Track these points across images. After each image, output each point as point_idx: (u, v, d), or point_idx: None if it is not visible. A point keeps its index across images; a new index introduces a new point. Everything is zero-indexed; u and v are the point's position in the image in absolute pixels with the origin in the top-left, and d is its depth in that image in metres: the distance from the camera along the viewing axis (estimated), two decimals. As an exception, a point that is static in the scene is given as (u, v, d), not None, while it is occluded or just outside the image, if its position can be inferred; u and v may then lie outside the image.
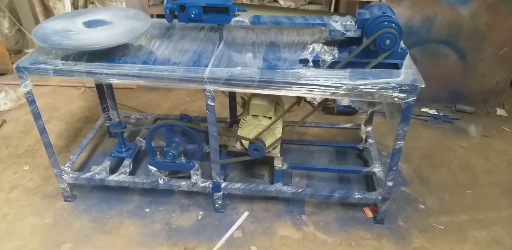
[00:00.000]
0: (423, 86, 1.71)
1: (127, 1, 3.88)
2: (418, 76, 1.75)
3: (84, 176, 2.28)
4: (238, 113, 2.58)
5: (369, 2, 1.96)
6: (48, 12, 3.96)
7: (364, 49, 1.79)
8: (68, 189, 2.35)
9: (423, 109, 3.20)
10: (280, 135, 2.20)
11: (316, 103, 3.22)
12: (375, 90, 1.72)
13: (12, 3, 3.95)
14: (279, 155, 2.32)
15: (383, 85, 1.71)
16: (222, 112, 2.86)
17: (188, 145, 2.17)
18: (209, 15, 1.91)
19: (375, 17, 1.75)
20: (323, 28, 1.91)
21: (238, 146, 2.31)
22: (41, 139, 2.14)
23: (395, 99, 1.74)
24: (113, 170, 2.40)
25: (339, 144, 2.73)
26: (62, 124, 3.10)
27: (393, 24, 1.71)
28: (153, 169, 2.17)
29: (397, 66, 1.85)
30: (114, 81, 1.85)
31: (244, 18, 1.91)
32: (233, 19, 1.90)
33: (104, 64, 1.85)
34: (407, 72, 1.76)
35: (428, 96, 3.16)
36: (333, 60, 1.88)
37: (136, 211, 2.31)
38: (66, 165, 2.36)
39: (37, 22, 3.80)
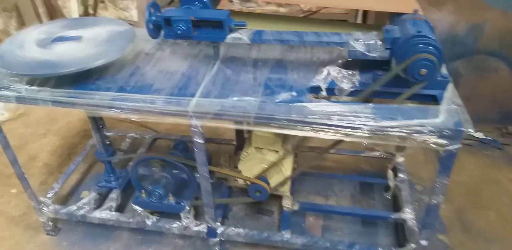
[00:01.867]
0: (470, 130, 1.29)
1: (138, 1, 3.59)
2: (464, 115, 1.33)
3: (65, 210, 2.00)
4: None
5: (401, 14, 1.54)
6: (54, 13, 3.74)
7: (394, 76, 1.39)
8: (50, 223, 2.08)
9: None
10: (289, 173, 1.83)
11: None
12: (405, 134, 1.32)
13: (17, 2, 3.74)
14: (288, 194, 1.96)
15: (416, 128, 1.30)
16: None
17: (180, 179, 1.84)
18: (200, 31, 1.56)
19: (408, 37, 1.34)
20: (340, 48, 1.51)
21: (240, 181, 1.96)
22: (35, 157, 1.88)
23: (432, 145, 1.33)
24: (104, 199, 2.12)
25: (363, 179, 2.32)
26: (58, 139, 2.85)
27: (431, 48, 1.30)
28: (139, 208, 1.86)
29: (435, 99, 1.44)
30: (85, 111, 1.54)
31: (242, 34, 1.55)
32: (229, 36, 1.54)
33: (72, 91, 1.53)
34: (449, 110, 1.34)
35: (474, 115, 2.64)
36: (352, 89, 1.49)
37: (122, 252, 2.02)
38: (48, 196, 2.09)
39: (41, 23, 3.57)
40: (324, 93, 1.50)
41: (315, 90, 1.52)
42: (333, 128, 1.35)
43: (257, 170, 1.81)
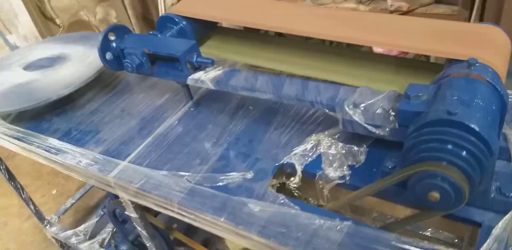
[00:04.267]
0: None
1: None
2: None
3: (63, 234, 1.88)
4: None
5: (457, 62, 0.89)
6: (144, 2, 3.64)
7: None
8: (58, 240, 2.01)
9: None
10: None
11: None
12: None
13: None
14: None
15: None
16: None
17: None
18: (160, 67, 1.16)
19: (425, 122, 0.73)
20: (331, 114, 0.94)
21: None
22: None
23: None
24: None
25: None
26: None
27: (463, 155, 0.68)
28: (111, 257, 1.62)
29: (478, 225, 0.80)
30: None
31: (208, 74, 1.10)
32: (190, 77, 1.11)
33: (22, 130, 1.30)
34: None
35: None
36: (340, 181, 0.93)
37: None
38: (57, 214, 2.01)
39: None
40: (297, 179, 0.98)
41: (290, 168, 1.00)
42: (275, 251, 0.85)
43: None
